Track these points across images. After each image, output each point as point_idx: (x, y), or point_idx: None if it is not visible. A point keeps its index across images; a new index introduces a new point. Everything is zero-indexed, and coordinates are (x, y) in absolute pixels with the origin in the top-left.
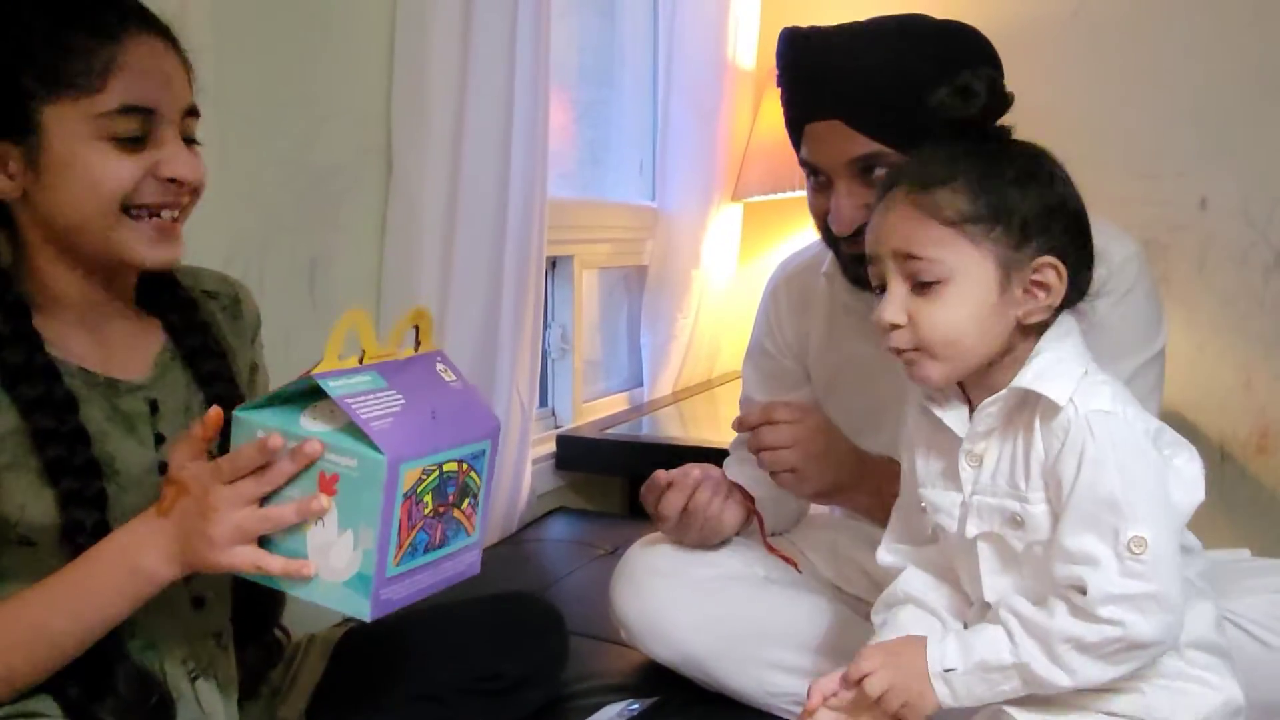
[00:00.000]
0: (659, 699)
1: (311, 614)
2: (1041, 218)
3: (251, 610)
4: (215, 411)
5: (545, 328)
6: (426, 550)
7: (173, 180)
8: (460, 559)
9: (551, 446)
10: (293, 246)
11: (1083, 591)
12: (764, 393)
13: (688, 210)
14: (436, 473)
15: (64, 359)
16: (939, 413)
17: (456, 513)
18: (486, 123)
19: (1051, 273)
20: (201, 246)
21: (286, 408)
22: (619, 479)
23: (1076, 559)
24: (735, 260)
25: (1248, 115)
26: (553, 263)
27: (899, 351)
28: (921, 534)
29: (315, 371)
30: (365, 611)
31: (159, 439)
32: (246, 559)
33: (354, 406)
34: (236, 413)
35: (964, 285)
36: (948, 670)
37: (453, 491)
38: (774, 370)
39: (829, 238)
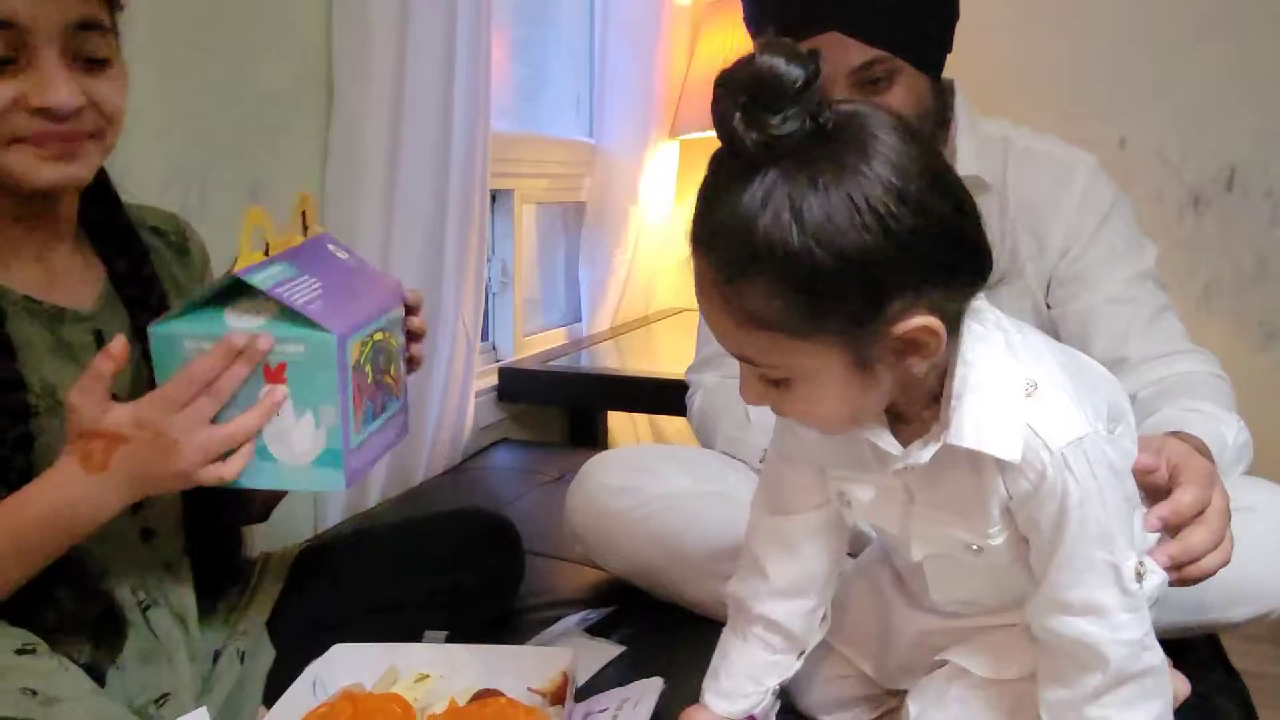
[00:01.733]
0: (614, 608)
1: (266, 532)
2: (887, 273)
3: (208, 539)
4: (120, 341)
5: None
6: (373, 417)
7: (44, 108)
8: (396, 421)
9: (494, 379)
10: (233, 174)
11: (1095, 651)
12: None
13: (625, 146)
14: (370, 343)
15: (7, 284)
16: (858, 429)
17: (387, 378)
18: (429, 51)
19: (923, 334)
20: (140, 173)
21: (203, 313)
22: (559, 410)
23: (1078, 610)
24: (672, 198)
25: (1166, 57)
26: (493, 196)
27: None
28: (787, 505)
29: (238, 269)
30: (341, 482)
31: None
32: (214, 476)
33: (285, 295)
34: (153, 328)
35: (813, 382)
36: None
37: (383, 359)
38: None
39: None
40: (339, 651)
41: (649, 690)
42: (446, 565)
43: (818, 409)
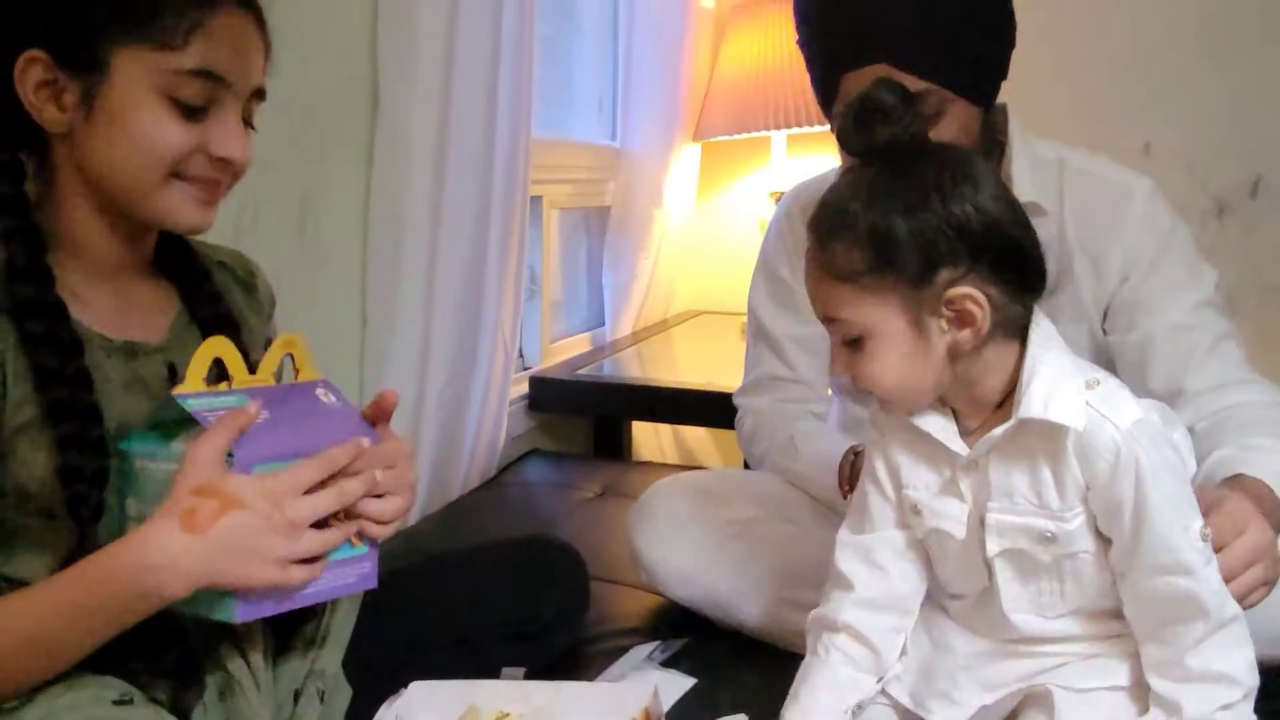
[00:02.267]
0: (687, 640)
1: None
2: (939, 246)
3: None
4: (256, 404)
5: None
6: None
7: (222, 159)
8: (349, 570)
9: (524, 388)
10: (283, 186)
11: (1197, 602)
12: (780, 323)
13: (650, 150)
14: None
15: (82, 321)
16: (921, 424)
17: (333, 520)
18: (474, 59)
19: (968, 303)
20: None
21: (161, 435)
22: (586, 420)
23: (1174, 570)
24: (693, 200)
25: (1193, 64)
26: None
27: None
28: (873, 523)
29: (176, 391)
30: (234, 614)
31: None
32: (299, 577)
33: (209, 418)
34: (118, 445)
35: (881, 338)
36: None
37: None
38: (790, 299)
39: None
40: (418, 690)
41: None
42: (516, 597)
43: (880, 368)
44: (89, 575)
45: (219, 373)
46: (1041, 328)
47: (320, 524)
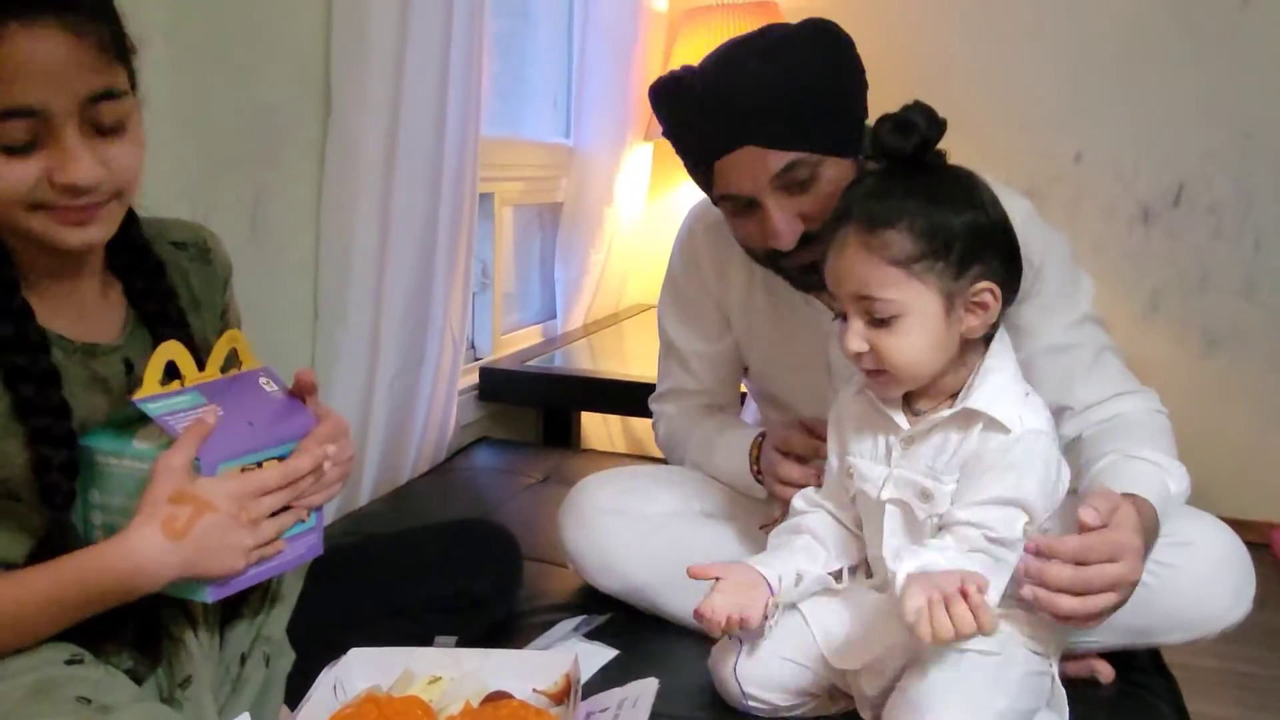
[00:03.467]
0: (610, 615)
1: None
2: (977, 245)
3: None
4: (213, 411)
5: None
6: None
7: (67, 186)
8: (299, 543)
9: (474, 378)
10: (236, 183)
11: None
12: (685, 338)
13: (602, 148)
14: (257, 469)
15: (45, 327)
16: (879, 403)
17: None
18: (424, 61)
19: (989, 295)
20: (149, 185)
21: (122, 432)
22: (535, 410)
23: (979, 525)
24: (644, 199)
25: (1123, 75)
26: None
27: (864, 369)
28: (842, 496)
29: (136, 396)
30: (206, 595)
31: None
32: (254, 559)
33: (170, 422)
34: (80, 442)
35: (916, 318)
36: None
37: None
38: (696, 316)
39: (766, 259)
40: (356, 655)
41: (646, 690)
42: (451, 573)
43: (910, 344)
44: (73, 573)
45: (170, 371)
46: (1003, 338)
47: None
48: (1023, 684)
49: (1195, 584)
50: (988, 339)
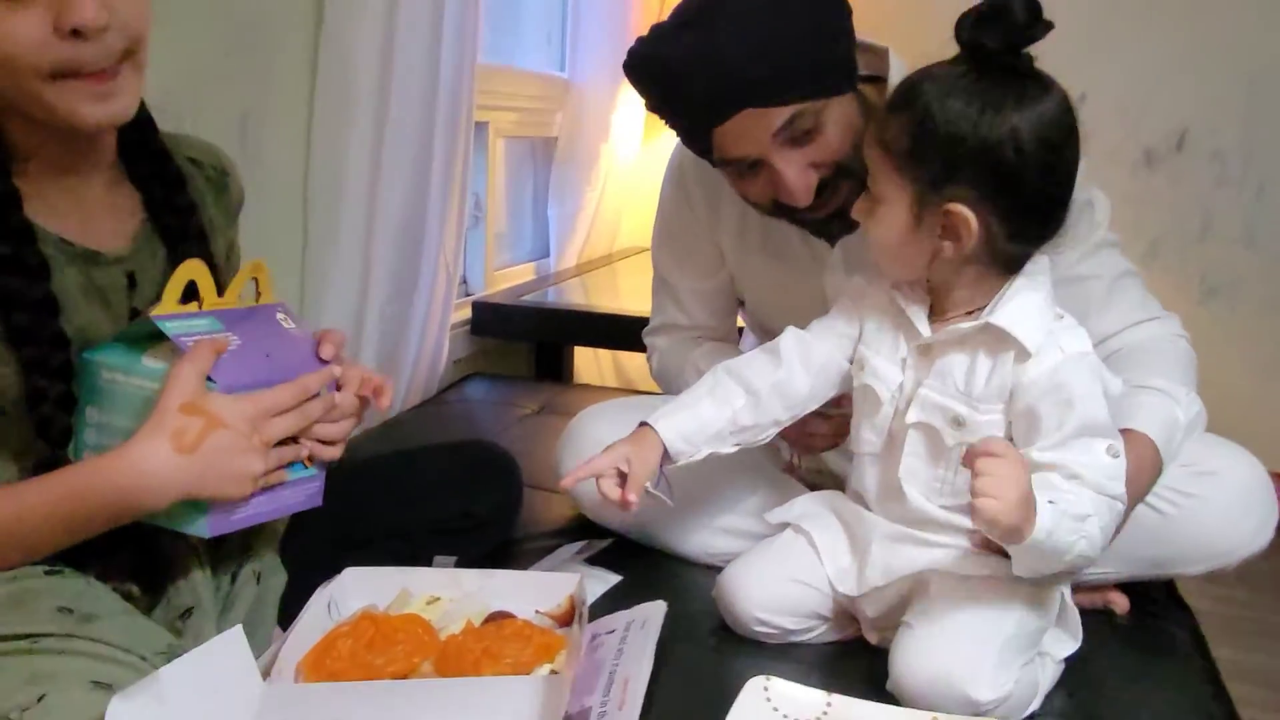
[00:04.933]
0: (613, 540)
1: None
2: (971, 164)
3: None
4: (226, 336)
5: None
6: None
7: (76, 31)
8: (300, 489)
9: (467, 313)
10: (221, 99)
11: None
12: (677, 276)
13: (599, 83)
14: None
15: (42, 225)
16: (902, 302)
17: (289, 442)
18: None
19: (958, 220)
20: None
21: (130, 348)
22: (527, 346)
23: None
24: (640, 138)
25: (1132, 15)
26: None
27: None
28: (822, 331)
29: (153, 313)
30: (205, 529)
31: (134, 314)
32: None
33: (187, 344)
34: (82, 354)
35: (886, 210)
36: (1050, 501)
37: None
38: (688, 253)
39: (779, 212)
40: (351, 575)
41: (654, 613)
42: (451, 494)
43: (881, 234)
44: (72, 487)
45: (189, 293)
46: (1038, 269)
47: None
48: (1030, 604)
49: (1219, 513)
50: (1018, 264)
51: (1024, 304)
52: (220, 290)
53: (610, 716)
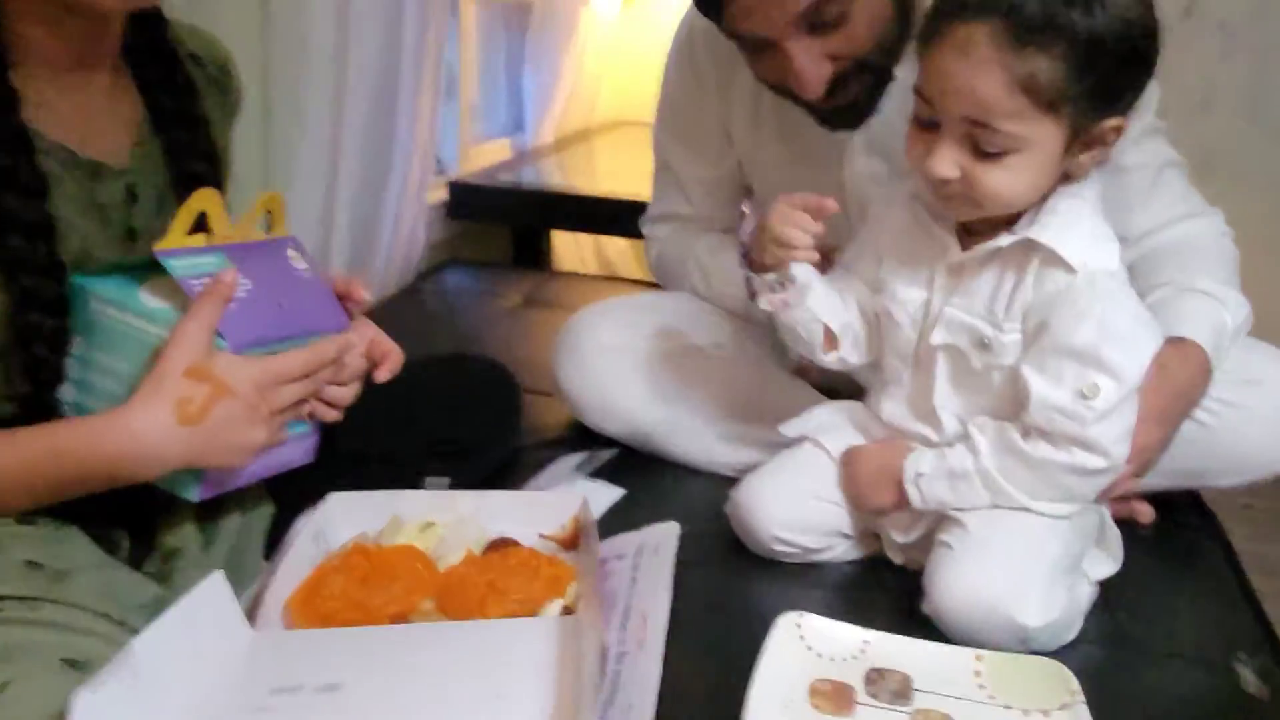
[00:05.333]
0: (616, 451)
1: None
2: (1131, 73)
3: None
4: (233, 273)
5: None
6: None
7: None
8: (296, 446)
9: (442, 195)
10: None
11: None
12: (682, 162)
13: None
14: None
15: (42, 131)
16: (935, 225)
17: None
18: None
19: (1113, 133)
20: None
21: (127, 278)
22: (505, 229)
23: (1050, 404)
24: (621, 0)
25: None
26: None
27: (941, 194)
28: (852, 259)
29: (159, 247)
30: (195, 493)
31: (130, 234)
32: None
33: (194, 285)
34: (73, 279)
35: (1032, 155)
36: (918, 474)
37: None
38: (694, 134)
39: (788, 94)
40: (337, 500)
41: (667, 536)
42: (446, 414)
43: (1013, 180)
44: (65, 447)
45: (198, 224)
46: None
47: None
48: (1075, 526)
49: (1261, 423)
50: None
51: (1071, 217)
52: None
53: (631, 657)
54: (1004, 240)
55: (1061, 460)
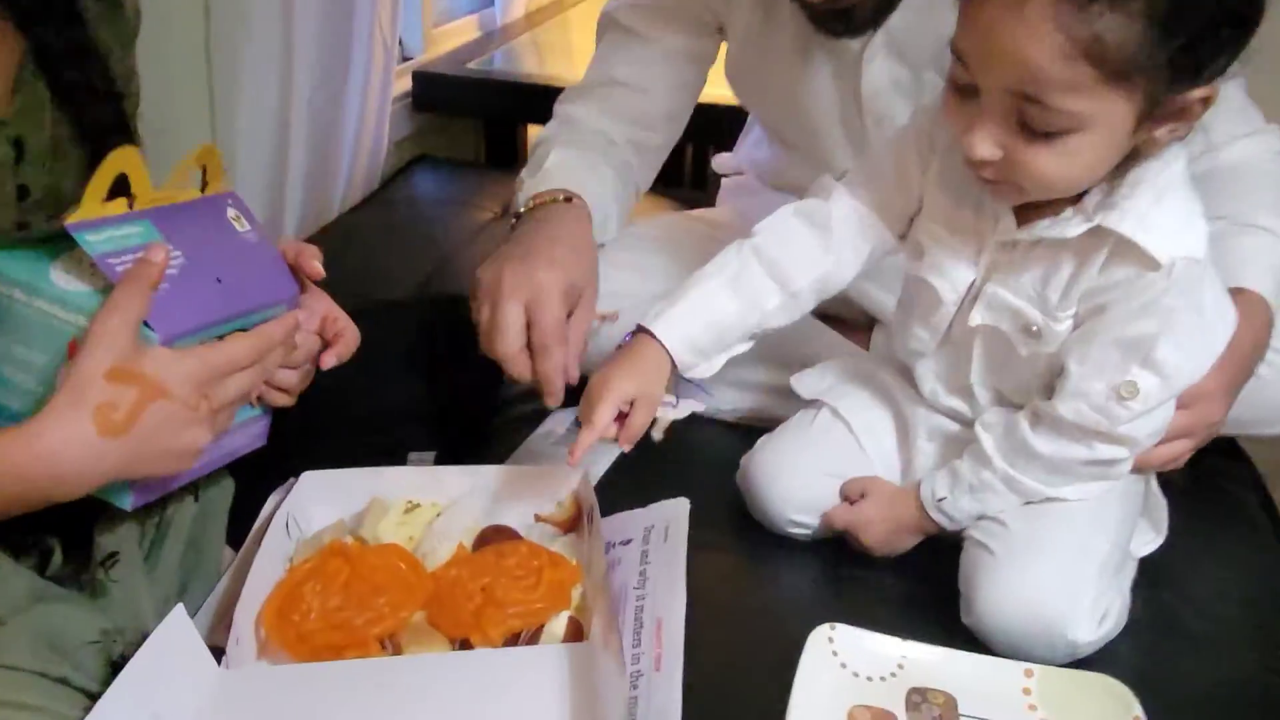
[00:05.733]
0: None
1: None
2: (1229, 53)
3: None
4: (163, 248)
5: None
6: None
7: None
8: (244, 432)
9: (406, 85)
10: None
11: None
12: (652, 22)
13: None
14: (218, 342)
15: None
16: (983, 190)
17: None
18: None
19: (1200, 104)
20: None
21: (37, 252)
22: (476, 122)
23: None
24: None
25: None
26: None
27: (982, 176)
28: (868, 197)
29: (71, 221)
30: (128, 501)
31: (21, 193)
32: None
33: (115, 266)
34: None
35: (1095, 135)
36: (940, 500)
37: None
38: (675, 6)
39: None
40: (310, 480)
41: (677, 515)
42: (423, 368)
43: (1068, 164)
44: None
45: (116, 187)
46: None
47: None
48: (1120, 506)
49: None
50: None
51: (1154, 195)
52: None
53: (646, 680)
54: (1071, 229)
55: (1078, 455)
